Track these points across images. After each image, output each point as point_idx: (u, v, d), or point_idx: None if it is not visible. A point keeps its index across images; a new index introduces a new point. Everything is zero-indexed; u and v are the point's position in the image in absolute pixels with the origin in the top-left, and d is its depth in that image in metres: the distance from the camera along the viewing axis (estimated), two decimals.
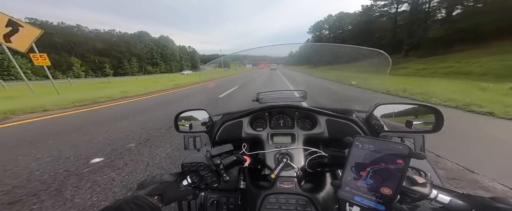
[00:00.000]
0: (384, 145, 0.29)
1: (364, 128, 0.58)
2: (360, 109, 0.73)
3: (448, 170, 1.32)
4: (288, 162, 0.53)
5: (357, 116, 0.66)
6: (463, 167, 1.35)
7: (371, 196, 0.29)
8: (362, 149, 0.31)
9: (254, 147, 0.67)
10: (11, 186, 1.17)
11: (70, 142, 1.86)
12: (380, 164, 0.28)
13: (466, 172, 1.30)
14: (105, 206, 0.29)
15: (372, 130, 0.57)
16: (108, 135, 2.05)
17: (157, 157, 1.53)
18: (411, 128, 0.53)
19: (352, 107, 0.74)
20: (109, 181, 1.22)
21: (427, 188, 0.27)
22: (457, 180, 1.22)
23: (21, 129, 2.41)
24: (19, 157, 1.57)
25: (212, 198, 0.65)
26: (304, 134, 0.62)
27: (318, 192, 0.49)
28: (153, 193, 0.35)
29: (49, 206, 1.00)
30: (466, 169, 1.33)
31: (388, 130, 0.56)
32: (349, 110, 0.72)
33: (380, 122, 0.57)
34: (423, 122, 0.52)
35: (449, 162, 1.43)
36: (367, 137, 0.31)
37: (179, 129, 0.71)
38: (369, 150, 0.30)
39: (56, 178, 1.24)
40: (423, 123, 0.52)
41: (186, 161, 0.41)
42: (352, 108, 0.74)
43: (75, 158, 1.53)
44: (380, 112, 0.57)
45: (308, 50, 3.08)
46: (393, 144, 0.28)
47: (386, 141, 0.29)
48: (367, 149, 0.30)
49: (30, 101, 4.23)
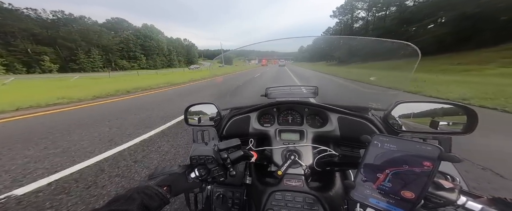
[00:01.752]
0: (409, 145, 0.31)
1: (381, 128, 0.64)
2: (377, 107, 0.80)
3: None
4: (295, 159, 0.60)
5: (373, 115, 0.72)
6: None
7: (389, 198, 0.31)
8: (381, 149, 0.33)
9: (261, 143, 0.77)
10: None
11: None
12: (402, 166, 0.30)
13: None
14: (117, 194, 0.38)
15: (390, 130, 0.63)
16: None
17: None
18: (436, 129, 0.57)
19: (368, 104, 0.82)
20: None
21: (455, 193, 0.29)
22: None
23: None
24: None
25: (218, 192, 0.76)
26: (313, 131, 0.70)
27: (326, 191, 0.56)
28: (162, 184, 0.43)
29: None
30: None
31: (408, 131, 0.60)
32: (364, 107, 0.80)
33: (398, 122, 0.62)
34: (452, 123, 0.57)
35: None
36: (389, 136, 0.34)
37: (188, 122, 0.87)
38: (390, 150, 0.32)
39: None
40: (451, 124, 0.57)
41: (194, 154, 0.50)
42: (368, 105, 0.81)
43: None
44: (400, 111, 0.62)
45: (323, 44, 3.25)
46: (420, 145, 0.30)
47: (413, 141, 0.31)
48: (388, 149, 0.33)
49: None
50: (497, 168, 1.62)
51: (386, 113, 0.64)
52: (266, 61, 6.66)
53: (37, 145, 2.37)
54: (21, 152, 2.19)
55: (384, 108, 0.72)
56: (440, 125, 0.57)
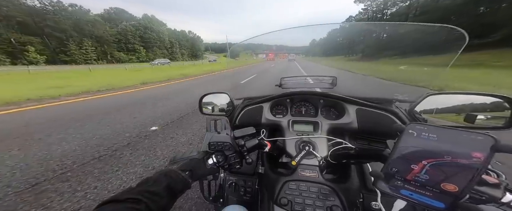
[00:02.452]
0: (455, 134, 0.30)
1: (406, 121, 0.65)
2: (403, 99, 0.80)
3: None
4: (310, 150, 0.64)
5: (398, 107, 0.73)
6: None
7: (425, 191, 0.31)
8: (418, 139, 0.32)
9: (272, 133, 0.84)
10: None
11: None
12: (443, 157, 0.29)
13: None
14: (145, 177, 0.44)
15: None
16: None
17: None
18: (473, 123, 0.56)
19: (393, 96, 0.82)
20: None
21: (500, 190, 0.29)
22: None
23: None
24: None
25: (231, 181, 0.85)
26: (329, 123, 0.74)
27: (341, 183, 0.59)
28: (185, 168, 0.49)
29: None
30: None
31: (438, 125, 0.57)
32: (388, 99, 0.80)
33: (422, 116, 0.63)
34: (491, 116, 0.56)
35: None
36: (427, 125, 0.33)
37: (203, 111, 0.95)
38: (429, 140, 0.31)
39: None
40: (490, 117, 0.56)
41: (213, 140, 0.57)
42: (393, 97, 0.81)
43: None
44: (429, 104, 0.62)
45: (341, 36, 3.10)
46: (468, 134, 0.29)
47: (459, 130, 0.30)
48: (427, 138, 0.32)
49: None
50: None
51: (414, 105, 0.64)
52: (273, 55, 6.40)
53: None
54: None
55: (411, 99, 0.73)
56: (478, 119, 0.56)
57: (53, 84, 7.85)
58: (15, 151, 2.13)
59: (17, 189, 1.49)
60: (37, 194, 1.44)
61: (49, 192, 1.46)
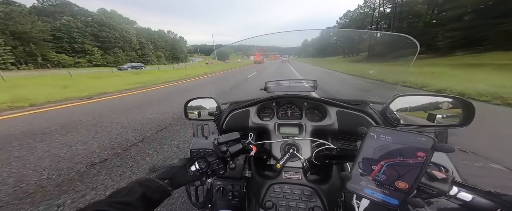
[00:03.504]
0: (405, 136, 0.38)
1: (379, 121, 0.80)
2: (376, 101, 0.98)
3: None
4: (294, 152, 0.75)
5: (372, 108, 0.88)
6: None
7: (383, 189, 0.38)
8: (377, 141, 0.41)
9: (260, 136, 0.95)
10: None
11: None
12: (397, 158, 0.37)
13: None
14: (119, 187, 0.48)
15: (388, 123, 0.78)
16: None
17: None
18: (433, 122, 0.70)
19: (367, 98, 1.00)
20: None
21: (447, 184, 0.35)
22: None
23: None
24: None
25: (218, 185, 0.93)
26: (312, 125, 0.86)
27: (323, 183, 0.70)
28: (163, 176, 0.54)
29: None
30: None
31: (406, 124, 0.75)
32: (363, 101, 0.98)
33: (396, 115, 0.78)
34: (449, 115, 0.69)
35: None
36: (385, 128, 0.41)
37: (188, 117, 1.05)
38: (386, 142, 0.39)
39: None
40: (448, 116, 0.69)
41: (194, 147, 0.61)
42: (367, 99, 0.99)
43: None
44: (398, 105, 0.77)
45: (337, 37, 3.68)
46: (414, 136, 0.37)
47: (408, 132, 0.38)
48: (384, 140, 0.40)
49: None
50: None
51: (385, 106, 0.79)
52: (260, 56, 6.20)
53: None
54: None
55: (383, 101, 0.89)
56: (437, 118, 0.69)
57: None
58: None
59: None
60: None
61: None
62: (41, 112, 4.93)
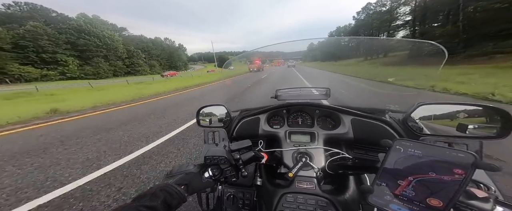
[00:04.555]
0: (438, 151, 0.39)
1: (400, 131, 0.84)
2: (395, 109, 1.03)
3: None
4: (307, 161, 0.82)
5: (391, 117, 0.94)
6: None
7: (412, 206, 0.40)
8: (404, 154, 0.43)
9: (270, 144, 1.06)
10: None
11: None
12: (428, 174, 0.39)
13: None
14: (141, 192, 0.57)
15: (410, 133, 0.82)
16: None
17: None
18: (464, 132, 0.72)
19: (385, 106, 1.07)
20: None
21: (489, 203, 0.36)
22: None
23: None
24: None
25: (229, 193, 1.04)
26: (325, 133, 0.95)
27: (339, 194, 0.75)
28: (181, 182, 0.64)
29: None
30: None
31: (431, 134, 0.78)
32: (381, 109, 1.04)
33: (418, 125, 0.81)
34: (481, 126, 0.71)
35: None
36: (413, 141, 0.43)
37: (200, 124, 1.22)
38: (414, 156, 0.41)
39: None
40: (481, 127, 0.71)
41: (209, 154, 0.71)
42: (385, 107, 1.06)
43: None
44: (421, 113, 0.81)
45: (335, 44, 3.81)
46: (450, 151, 0.38)
47: (442, 147, 0.40)
48: (411, 154, 0.42)
49: None
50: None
51: (406, 115, 0.83)
52: (259, 62, 6.41)
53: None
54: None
55: (403, 110, 0.95)
56: (469, 128, 0.71)
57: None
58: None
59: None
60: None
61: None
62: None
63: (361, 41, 1.82)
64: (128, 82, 25.87)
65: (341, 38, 2.36)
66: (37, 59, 46.60)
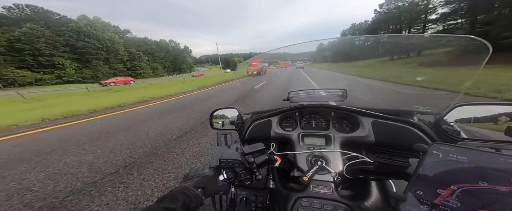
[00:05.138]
0: (490, 158, 0.37)
1: (432, 134, 0.83)
2: (425, 111, 1.02)
3: None
4: (323, 165, 0.84)
5: (420, 119, 0.93)
6: None
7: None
8: (444, 160, 0.41)
9: (282, 147, 1.12)
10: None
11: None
12: (478, 183, 0.37)
13: None
14: (161, 195, 0.63)
15: (444, 136, 0.79)
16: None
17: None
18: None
19: (413, 107, 1.05)
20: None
21: None
22: None
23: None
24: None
25: (242, 195, 1.11)
26: (342, 136, 0.96)
27: (360, 201, 0.74)
28: (198, 185, 0.70)
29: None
30: None
31: (471, 138, 0.74)
32: (407, 111, 1.02)
33: (454, 128, 0.79)
34: None
35: None
36: (455, 146, 0.42)
37: (213, 126, 1.34)
38: (458, 163, 0.40)
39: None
40: None
41: (223, 157, 0.78)
42: (412, 109, 1.04)
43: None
44: (456, 116, 0.78)
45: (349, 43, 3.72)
46: (505, 158, 0.36)
47: (495, 153, 0.38)
48: (454, 160, 0.40)
49: None
50: None
51: (439, 117, 0.81)
52: (257, 64, 6.25)
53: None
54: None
55: (435, 111, 0.93)
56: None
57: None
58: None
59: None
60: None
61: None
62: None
63: (383, 39, 1.74)
64: (88, 89, 20.25)
65: (355, 37, 2.26)
66: (34, 62, 47.58)
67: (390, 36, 1.39)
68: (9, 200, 2.45)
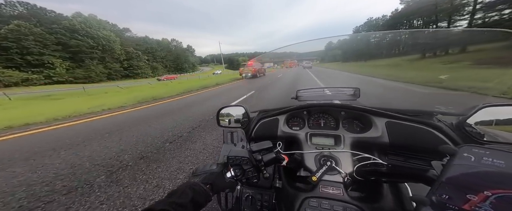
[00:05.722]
0: None
1: (454, 137, 0.83)
2: (448, 111, 1.03)
3: None
4: (332, 165, 0.87)
5: (441, 120, 0.94)
6: None
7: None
8: (478, 164, 0.41)
9: (289, 146, 1.16)
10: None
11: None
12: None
13: None
14: (170, 190, 0.68)
15: (468, 139, 0.80)
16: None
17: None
18: None
19: (433, 108, 1.06)
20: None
21: None
22: None
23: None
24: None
25: (248, 193, 1.16)
26: (352, 137, 0.99)
27: (371, 203, 0.76)
28: (206, 181, 0.75)
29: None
30: None
31: (501, 142, 0.75)
32: (427, 111, 1.03)
33: (477, 130, 0.80)
34: None
35: None
36: (490, 149, 0.42)
37: (220, 124, 1.42)
38: (493, 167, 0.39)
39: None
40: None
41: (231, 154, 0.83)
42: (433, 109, 1.04)
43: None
44: (481, 117, 0.78)
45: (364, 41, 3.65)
46: None
47: None
48: (489, 164, 0.40)
49: None
50: None
51: (463, 118, 0.82)
52: (253, 64, 5.96)
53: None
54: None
55: (458, 112, 0.93)
56: None
57: None
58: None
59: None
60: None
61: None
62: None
63: (410, 34, 1.66)
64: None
65: (371, 33, 2.23)
66: (22, 61, 47.90)
67: (418, 32, 1.39)
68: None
